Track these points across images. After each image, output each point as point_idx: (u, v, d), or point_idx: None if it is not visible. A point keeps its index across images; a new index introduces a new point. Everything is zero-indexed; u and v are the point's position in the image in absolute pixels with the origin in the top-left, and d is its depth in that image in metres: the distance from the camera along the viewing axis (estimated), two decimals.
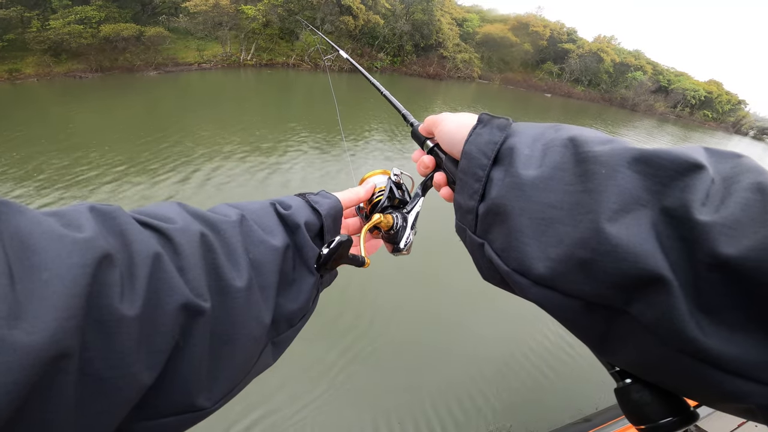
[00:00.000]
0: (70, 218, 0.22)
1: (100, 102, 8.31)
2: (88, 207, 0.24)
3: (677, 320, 0.21)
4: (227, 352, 0.28)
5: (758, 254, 0.18)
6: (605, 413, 2.28)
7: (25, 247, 0.18)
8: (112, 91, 9.49)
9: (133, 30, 11.52)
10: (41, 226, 0.19)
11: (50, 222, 0.20)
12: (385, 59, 19.19)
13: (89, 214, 0.23)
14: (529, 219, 0.28)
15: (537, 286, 0.27)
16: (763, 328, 0.19)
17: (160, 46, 12.54)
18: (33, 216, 0.20)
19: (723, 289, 0.20)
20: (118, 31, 11.17)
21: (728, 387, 0.20)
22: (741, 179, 0.22)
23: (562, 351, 2.87)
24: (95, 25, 10.98)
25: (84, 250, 0.20)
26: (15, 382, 0.15)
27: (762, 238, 0.19)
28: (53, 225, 0.20)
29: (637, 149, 0.25)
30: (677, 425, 0.25)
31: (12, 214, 0.19)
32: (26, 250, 0.18)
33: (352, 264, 0.39)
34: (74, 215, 0.22)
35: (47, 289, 0.18)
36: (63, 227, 0.20)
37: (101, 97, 8.76)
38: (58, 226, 0.20)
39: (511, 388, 2.56)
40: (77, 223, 0.22)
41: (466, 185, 0.34)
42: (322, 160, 5.93)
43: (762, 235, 0.19)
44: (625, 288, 0.23)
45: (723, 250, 0.19)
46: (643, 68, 27.76)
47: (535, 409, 2.44)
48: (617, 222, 0.23)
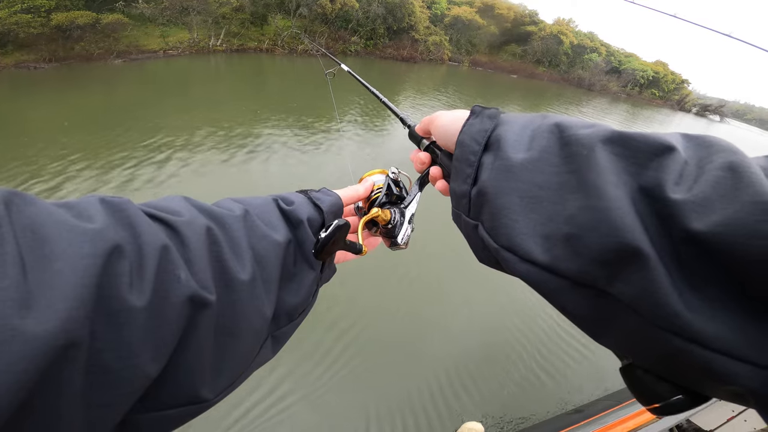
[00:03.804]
0: (81, 209, 0.22)
1: (57, 95, 7.31)
2: (99, 199, 0.23)
3: (659, 294, 0.20)
4: (230, 345, 0.28)
5: (726, 229, 0.19)
6: (596, 404, 2.25)
7: (37, 237, 0.18)
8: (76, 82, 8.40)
9: (89, 17, 10.22)
10: (53, 217, 0.19)
11: (62, 213, 0.20)
12: (359, 42, 18.19)
13: (99, 206, 0.23)
14: (518, 197, 0.28)
15: (524, 263, 0.27)
16: (741, 303, 0.19)
17: (120, 34, 11.19)
18: (45, 207, 0.19)
19: (700, 265, 0.20)
20: (71, 19, 9.89)
21: (715, 367, 0.19)
22: (714, 159, 0.22)
23: (554, 344, 2.83)
24: (44, 14, 9.66)
25: (95, 240, 0.20)
26: (26, 371, 0.15)
27: (730, 214, 0.19)
28: (65, 216, 0.20)
29: (614, 130, 0.26)
30: (688, 403, 0.23)
31: (24, 205, 0.18)
32: (38, 240, 0.18)
33: (350, 250, 0.40)
34: (85, 206, 0.22)
35: (59, 279, 0.17)
36: (74, 218, 0.20)
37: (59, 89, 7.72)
38: (69, 217, 0.20)
39: (504, 378, 2.51)
40: (88, 214, 0.21)
41: (460, 172, 0.34)
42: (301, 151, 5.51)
43: (730, 210, 0.19)
44: (606, 263, 0.23)
45: (694, 226, 0.20)
46: (597, 50, 28.05)
47: (528, 400, 2.40)
48: (600, 199, 0.23)
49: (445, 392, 2.34)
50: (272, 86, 10.33)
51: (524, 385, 2.49)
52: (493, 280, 3.25)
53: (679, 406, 0.23)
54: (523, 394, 2.42)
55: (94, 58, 10.39)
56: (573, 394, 2.48)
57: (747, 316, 0.19)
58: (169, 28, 12.79)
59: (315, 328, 2.58)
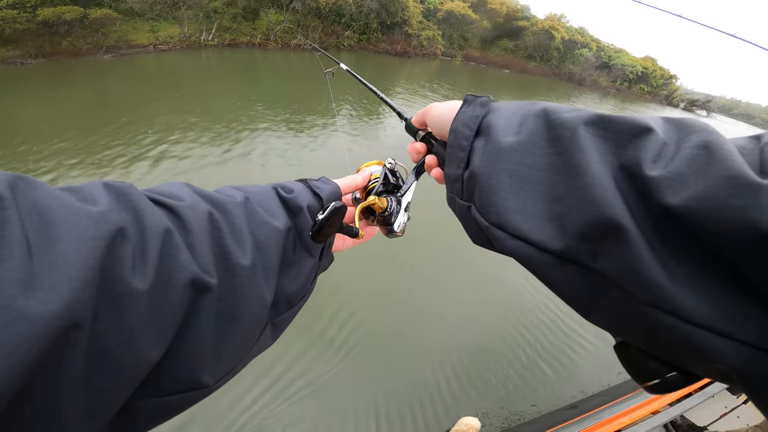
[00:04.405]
0: (85, 193, 0.22)
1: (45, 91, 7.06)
2: (102, 183, 0.23)
3: (640, 267, 0.21)
4: (231, 330, 0.28)
5: (698, 203, 0.19)
6: (591, 400, 2.27)
7: (42, 219, 0.18)
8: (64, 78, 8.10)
9: (77, 12, 9.87)
10: (58, 200, 0.19)
11: (66, 196, 0.20)
12: (353, 37, 17.91)
13: (103, 190, 0.23)
14: (507, 177, 0.29)
15: (513, 239, 0.28)
16: (717, 277, 0.19)
17: (108, 29, 10.85)
18: (50, 190, 0.19)
19: (678, 239, 0.20)
20: (58, 14, 9.55)
21: (696, 342, 0.20)
22: (690, 139, 0.23)
23: (554, 339, 2.84)
24: (30, 9, 9.33)
25: (100, 223, 0.20)
26: (29, 353, 0.15)
27: (702, 188, 0.19)
28: (70, 199, 0.20)
29: (597, 113, 0.27)
30: (684, 381, 0.23)
31: (29, 188, 0.18)
32: (44, 222, 0.18)
33: (347, 233, 0.40)
34: (89, 190, 0.22)
35: (64, 260, 0.17)
36: (79, 202, 0.20)
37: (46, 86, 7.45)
38: (74, 200, 0.20)
39: (502, 373, 2.51)
40: (92, 197, 0.21)
41: (453, 157, 0.35)
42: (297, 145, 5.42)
43: (702, 185, 0.19)
44: (589, 238, 0.24)
45: (669, 201, 0.20)
46: (588, 45, 28.04)
47: (526, 395, 2.41)
48: (583, 177, 0.24)
49: (442, 387, 2.34)
50: (266, 81, 10.11)
51: (522, 380, 2.50)
52: (491, 276, 3.25)
53: (675, 384, 0.23)
54: (521, 390, 2.43)
55: (82, 53, 10.06)
56: (570, 390, 2.49)
57: (724, 290, 0.19)
58: (159, 23, 12.42)
59: (312, 321, 2.55)
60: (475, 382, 2.41)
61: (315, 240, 0.36)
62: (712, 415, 1.68)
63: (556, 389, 2.48)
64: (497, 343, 2.72)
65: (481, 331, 2.78)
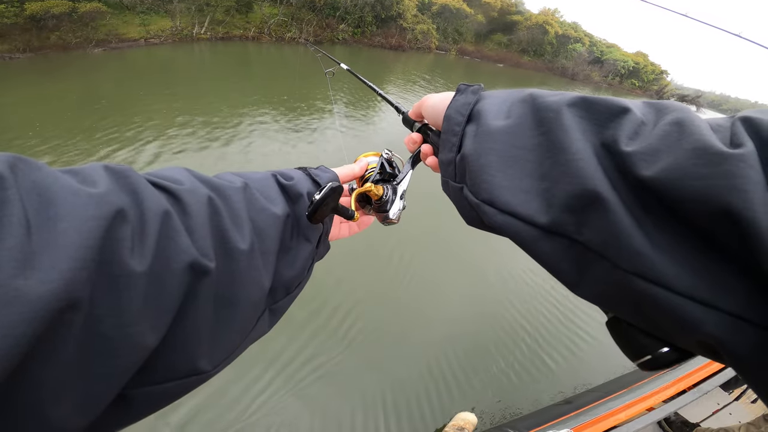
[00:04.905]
0: (85, 175, 0.21)
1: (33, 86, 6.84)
2: (102, 166, 0.23)
3: (621, 236, 0.22)
4: (228, 315, 0.28)
5: (669, 173, 0.20)
6: (585, 396, 2.29)
7: (43, 200, 0.18)
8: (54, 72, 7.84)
9: (65, 6, 9.53)
10: (58, 181, 0.19)
11: (66, 178, 0.20)
12: (347, 30, 17.60)
13: (103, 172, 0.22)
14: (497, 157, 0.30)
15: (502, 214, 0.29)
16: (694, 244, 0.20)
17: (98, 23, 10.51)
18: (50, 172, 0.19)
19: (658, 209, 0.21)
20: (46, 8, 9.21)
21: (680, 312, 0.20)
22: (666, 117, 0.24)
23: (542, 336, 2.85)
24: (18, 3, 9.02)
25: (100, 204, 0.19)
26: (24, 334, 0.14)
27: (672, 160, 0.20)
28: (70, 180, 0.20)
29: (579, 95, 0.28)
30: (676, 357, 0.23)
31: (29, 169, 0.18)
32: (44, 202, 0.18)
33: (342, 215, 0.40)
34: (89, 172, 0.22)
35: (64, 239, 0.17)
36: (78, 183, 0.20)
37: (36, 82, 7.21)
38: (74, 181, 0.20)
39: (499, 369, 2.52)
40: (92, 179, 0.21)
41: (446, 143, 0.36)
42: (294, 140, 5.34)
43: (673, 157, 0.20)
44: (573, 210, 0.25)
45: (642, 172, 0.21)
46: (581, 40, 27.94)
47: (522, 391, 2.43)
48: (566, 152, 0.25)
49: (438, 383, 2.35)
50: (260, 74, 9.93)
51: (519, 375, 2.53)
52: (489, 271, 3.25)
53: (668, 360, 0.23)
54: (517, 385, 2.45)
55: (71, 47, 9.74)
56: (567, 386, 2.52)
57: (704, 259, 0.20)
58: (150, 16, 12.04)
59: (305, 317, 2.53)
60: (472, 378, 2.42)
61: (311, 220, 0.37)
62: (704, 412, 1.70)
63: (554, 384, 2.51)
64: (495, 338, 2.73)
65: (477, 326, 2.79)
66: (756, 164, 0.18)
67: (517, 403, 2.34)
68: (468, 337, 2.69)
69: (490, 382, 2.42)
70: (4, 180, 0.16)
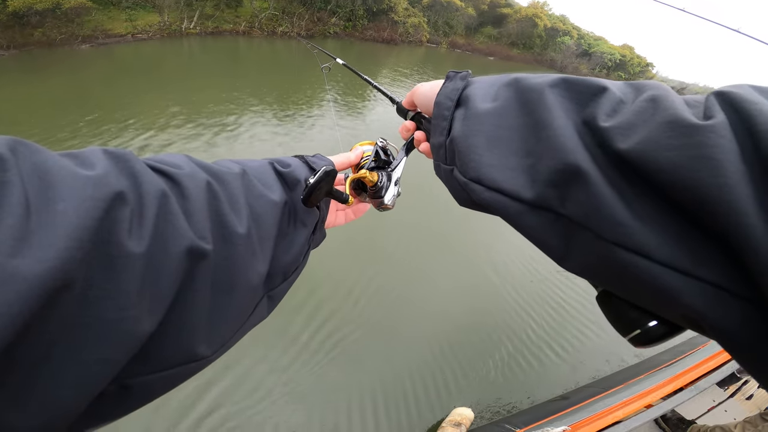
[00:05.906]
0: (85, 158, 0.21)
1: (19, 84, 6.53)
2: (102, 150, 0.23)
3: (602, 206, 0.22)
4: (226, 300, 0.27)
5: (644, 146, 0.21)
6: (582, 391, 2.27)
7: (43, 181, 0.18)
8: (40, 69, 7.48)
9: (48, 2, 9.07)
10: (58, 164, 0.19)
11: (66, 161, 0.20)
12: (339, 24, 17.18)
13: (103, 155, 0.22)
14: (484, 137, 0.31)
15: (489, 191, 0.30)
16: (672, 214, 0.20)
17: (83, 18, 10.04)
18: (50, 155, 0.19)
19: (639, 181, 0.22)
20: (29, 4, 8.79)
21: (661, 282, 0.20)
22: (642, 95, 0.24)
23: (542, 331, 2.82)
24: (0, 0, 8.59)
25: (99, 185, 0.19)
26: (20, 313, 0.14)
27: (647, 133, 0.21)
28: (69, 163, 0.20)
29: (560, 76, 0.29)
30: (666, 331, 0.23)
31: (30, 152, 0.18)
32: (44, 184, 0.17)
33: (336, 198, 0.41)
34: (88, 156, 0.22)
35: (62, 219, 0.17)
36: (78, 166, 0.20)
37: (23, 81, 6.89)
38: (73, 164, 0.20)
39: (496, 365, 2.51)
40: (91, 162, 0.21)
41: (437, 127, 0.37)
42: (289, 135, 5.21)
43: (648, 130, 0.21)
44: (556, 184, 0.25)
45: (619, 146, 0.22)
46: (569, 33, 27.77)
47: (520, 386, 2.41)
48: (549, 129, 0.26)
49: (436, 378, 2.32)
50: (252, 70, 9.65)
51: (516, 371, 2.52)
52: (485, 268, 3.21)
53: (657, 334, 0.23)
54: (514, 381, 2.44)
55: (56, 43, 9.30)
56: (565, 382, 2.50)
57: (683, 229, 0.20)
58: (137, 12, 11.54)
59: (301, 312, 2.47)
60: (470, 373, 2.40)
61: (306, 204, 0.37)
62: (700, 409, 1.69)
63: (551, 379, 2.50)
64: (492, 333, 2.71)
65: (474, 321, 2.75)
66: (728, 134, 0.18)
67: (514, 399, 2.32)
68: (465, 332, 2.66)
69: (487, 378, 2.40)
70: (5, 162, 0.16)
